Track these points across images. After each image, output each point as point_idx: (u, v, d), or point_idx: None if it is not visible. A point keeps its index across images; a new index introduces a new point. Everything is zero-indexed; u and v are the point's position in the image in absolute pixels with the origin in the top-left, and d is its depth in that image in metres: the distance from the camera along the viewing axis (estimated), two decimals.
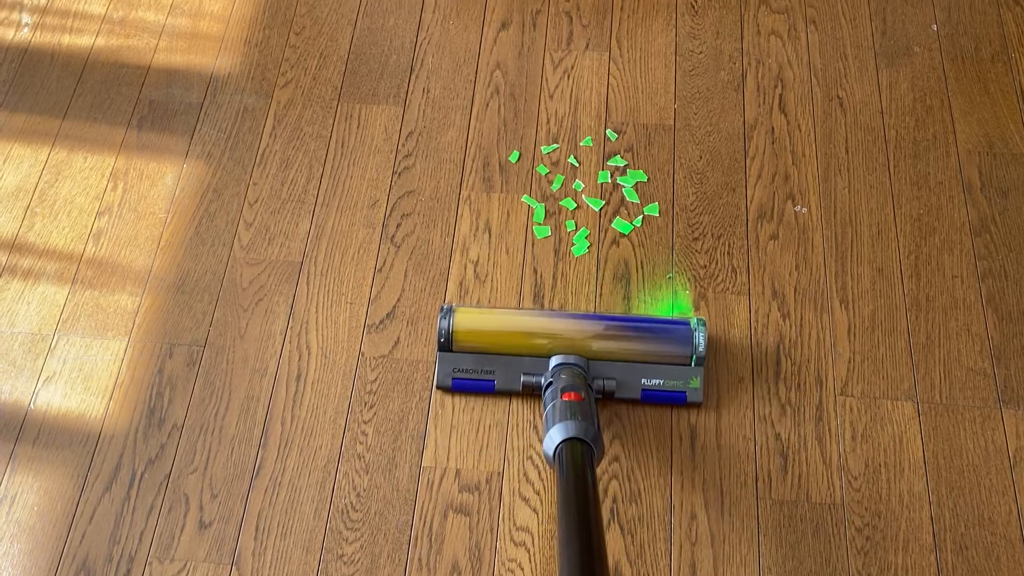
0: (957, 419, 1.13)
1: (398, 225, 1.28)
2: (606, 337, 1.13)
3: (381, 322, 1.21)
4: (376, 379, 1.16)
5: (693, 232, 1.27)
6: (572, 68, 1.42)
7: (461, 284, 1.23)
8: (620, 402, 1.12)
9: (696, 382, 1.12)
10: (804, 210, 1.29)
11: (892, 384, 1.15)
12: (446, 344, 1.14)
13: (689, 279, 1.22)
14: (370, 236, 1.27)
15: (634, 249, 1.26)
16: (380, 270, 1.24)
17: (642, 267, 1.24)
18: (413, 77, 1.41)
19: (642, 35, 1.45)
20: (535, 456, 1.11)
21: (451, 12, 1.48)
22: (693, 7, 1.48)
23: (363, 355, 1.18)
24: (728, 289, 1.22)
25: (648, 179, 1.31)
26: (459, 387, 1.13)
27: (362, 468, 1.10)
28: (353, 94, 1.40)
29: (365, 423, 1.13)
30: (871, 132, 1.35)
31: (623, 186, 1.31)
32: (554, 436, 1.03)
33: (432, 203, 1.30)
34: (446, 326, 1.13)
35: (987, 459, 1.10)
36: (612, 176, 1.32)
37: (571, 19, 1.47)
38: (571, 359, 1.12)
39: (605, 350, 1.13)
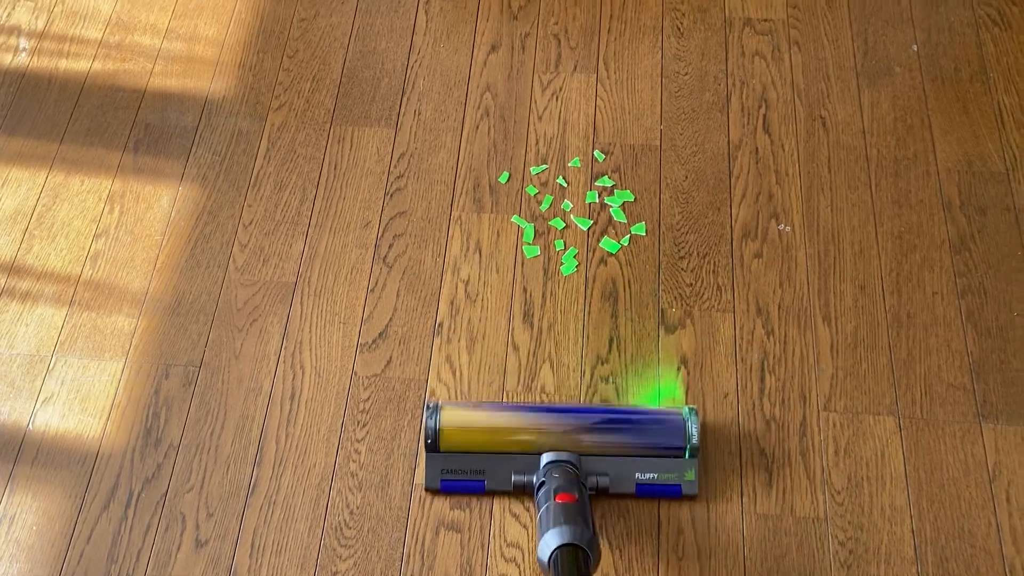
0: (938, 434, 1.16)
1: (390, 246, 1.31)
2: (597, 431, 1.11)
3: (374, 341, 1.23)
4: (369, 398, 1.19)
5: (679, 251, 1.30)
6: (560, 90, 1.45)
7: (452, 303, 1.26)
8: (614, 497, 1.10)
9: (691, 474, 1.09)
10: (788, 228, 1.31)
11: (874, 400, 1.18)
12: (433, 445, 1.10)
13: (676, 297, 1.25)
14: (363, 257, 1.29)
15: (621, 268, 1.29)
16: (372, 290, 1.27)
17: (629, 286, 1.27)
18: (405, 99, 1.44)
19: (629, 57, 1.48)
20: None
21: (442, 35, 1.51)
22: (679, 29, 1.51)
23: (356, 374, 1.20)
24: (713, 307, 1.25)
25: (635, 199, 1.34)
26: (448, 489, 1.10)
27: (355, 486, 1.12)
28: (346, 116, 1.43)
29: (358, 441, 1.16)
30: (853, 151, 1.38)
31: (610, 206, 1.33)
32: (549, 542, 0.99)
33: (423, 224, 1.33)
34: (433, 425, 1.10)
35: (967, 473, 1.13)
36: (600, 196, 1.35)
37: (559, 41, 1.50)
38: (563, 456, 1.09)
39: (597, 445, 1.10)
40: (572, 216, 1.32)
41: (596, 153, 1.38)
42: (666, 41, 1.49)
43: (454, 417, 1.11)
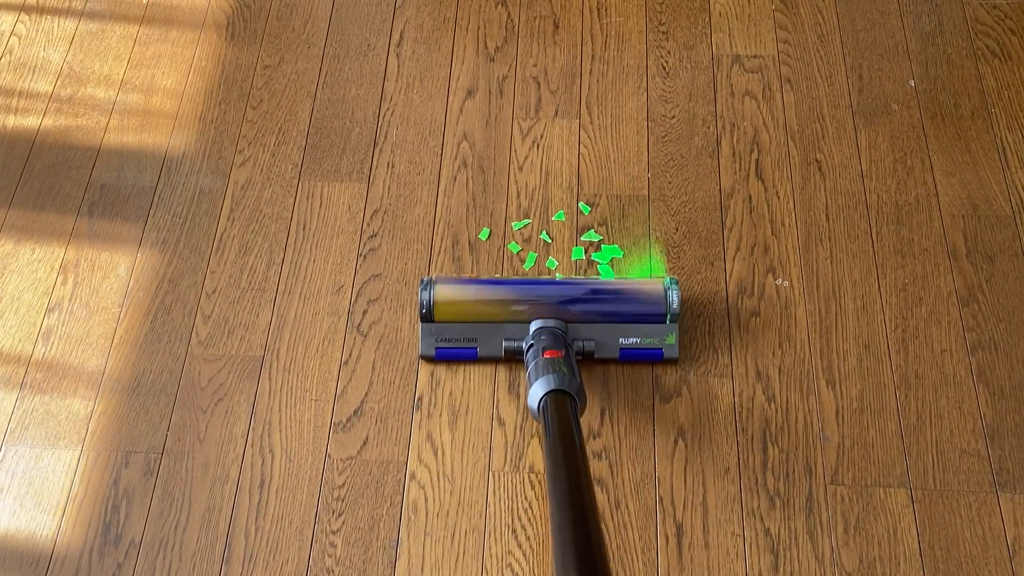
0: (952, 506, 1.09)
1: (364, 312, 1.23)
2: (583, 301, 1.16)
3: (348, 420, 1.15)
4: (344, 483, 1.10)
5: None
6: (541, 137, 1.37)
7: (432, 374, 1.18)
8: (600, 362, 1.15)
9: (672, 339, 1.16)
10: (785, 283, 1.24)
11: (884, 470, 1.11)
12: (428, 315, 1.16)
13: (669, 364, 1.17)
14: (335, 325, 1.21)
15: None
16: (346, 363, 1.18)
17: None
18: (377, 151, 1.36)
19: (612, 100, 1.40)
20: (514, 563, 1.06)
21: (414, 80, 1.43)
22: (664, 68, 1.43)
23: (330, 457, 1.12)
24: (710, 372, 1.17)
25: (624, 254, 1.26)
26: (443, 356, 1.16)
27: None
28: (314, 171, 1.34)
29: (334, 533, 1.07)
30: (852, 197, 1.31)
31: (598, 263, 1.26)
32: (538, 390, 1.06)
33: (400, 287, 1.25)
34: (427, 298, 1.16)
35: (985, 549, 1.06)
36: (587, 252, 1.27)
37: (539, 84, 1.42)
38: (550, 323, 1.15)
39: (583, 313, 1.16)
40: (558, 275, 1.25)
41: (581, 205, 1.30)
42: (651, 82, 1.42)
43: (447, 290, 1.17)
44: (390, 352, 1.20)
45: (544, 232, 1.28)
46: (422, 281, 1.17)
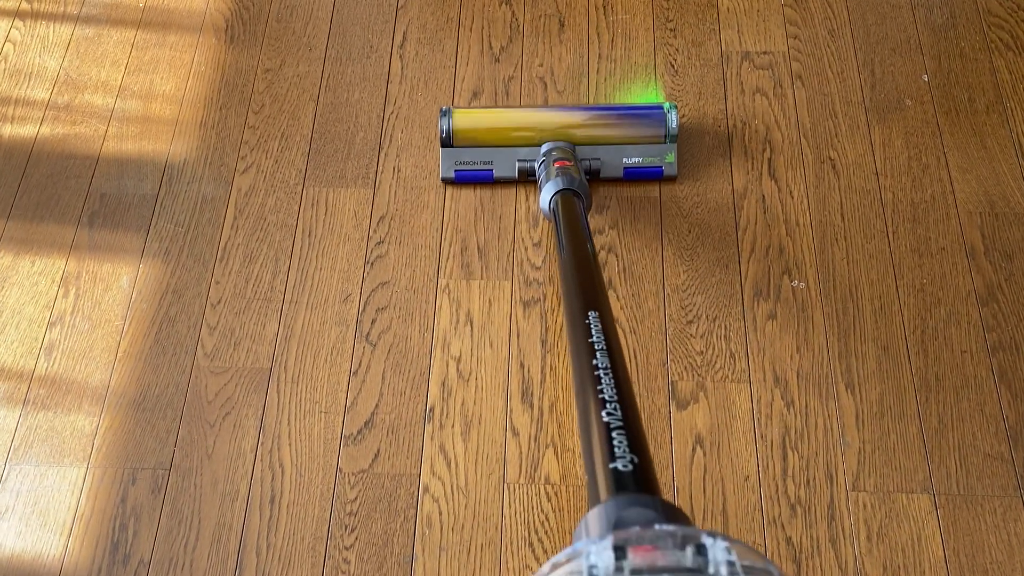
0: (977, 511, 1.07)
1: (373, 321, 1.20)
2: (590, 125, 1.27)
3: (359, 432, 1.12)
4: (356, 498, 1.08)
5: (687, 315, 1.20)
6: None
7: (443, 384, 1.16)
8: (605, 182, 1.26)
9: (671, 157, 1.27)
10: (802, 285, 1.22)
11: (906, 476, 1.09)
12: (447, 140, 1.26)
13: (686, 367, 1.15)
14: (343, 335, 1.19)
15: (626, 336, 1.19)
16: (356, 373, 1.16)
17: (636, 356, 1.17)
18: (382, 155, 1.33)
19: (621, 99, 1.38)
20: None
21: (419, 82, 1.40)
22: (672, 66, 1.41)
23: (341, 471, 1.10)
24: (728, 377, 1.15)
25: (635, 259, 1.24)
26: (461, 178, 1.26)
27: None
28: (319, 177, 1.32)
29: (347, 549, 1.05)
30: (867, 195, 1.29)
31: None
32: (548, 190, 1.17)
33: (408, 294, 1.22)
34: (446, 125, 1.27)
35: (1011, 555, 1.04)
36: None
37: (545, 85, 1.40)
38: (560, 143, 1.26)
39: (590, 136, 1.27)
40: None
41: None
42: (660, 80, 1.40)
43: (465, 118, 1.27)
44: (400, 362, 1.17)
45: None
46: (441, 110, 1.28)
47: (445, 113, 1.27)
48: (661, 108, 1.28)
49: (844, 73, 1.40)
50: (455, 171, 1.26)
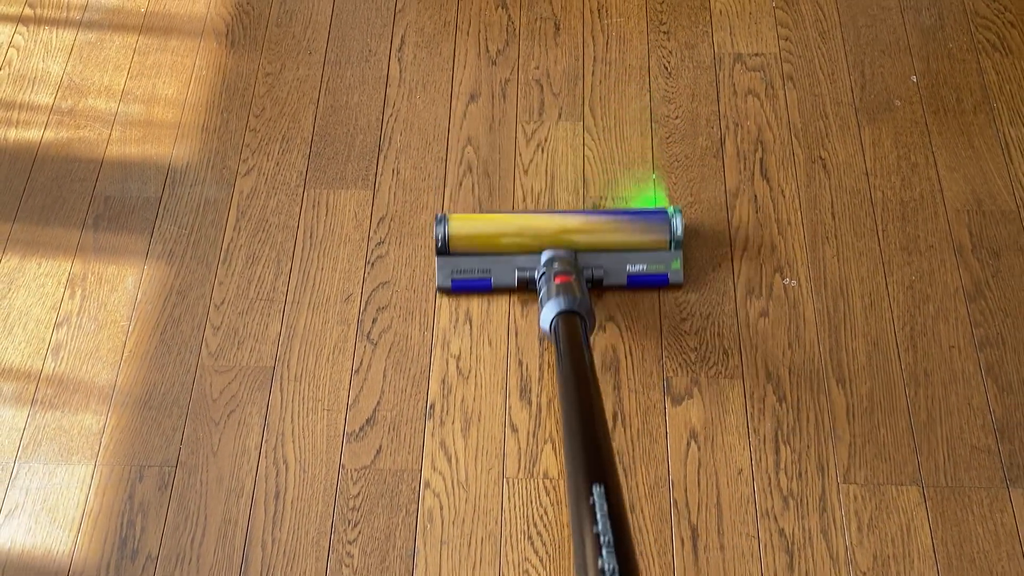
0: (964, 502, 1.10)
1: (374, 320, 1.23)
2: (591, 231, 1.22)
3: (361, 429, 1.15)
4: (359, 493, 1.11)
5: (681, 312, 1.23)
6: (546, 140, 1.37)
7: (444, 382, 1.18)
8: (609, 289, 1.21)
9: (677, 264, 1.22)
10: (793, 283, 1.25)
11: (896, 468, 1.12)
12: (443, 248, 1.22)
13: (680, 364, 1.18)
14: (345, 334, 1.21)
15: (621, 334, 1.21)
16: (357, 371, 1.19)
17: (631, 354, 1.20)
18: (381, 157, 1.36)
19: (615, 101, 1.40)
20: (531, 570, 1.06)
21: (417, 85, 1.43)
22: (666, 69, 1.43)
23: (344, 467, 1.12)
24: (721, 373, 1.18)
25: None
26: (459, 287, 1.21)
27: None
28: (319, 179, 1.34)
29: (350, 543, 1.08)
30: (857, 195, 1.32)
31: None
32: (549, 311, 1.12)
33: (408, 294, 1.25)
34: (442, 232, 1.22)
35: (998, 544, 1.07)
36: None
37: (541, 87, 1.42)
38: (561, 252, 1.21)
39: (592, 242, 1.22)
40: None
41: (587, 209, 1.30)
42: (654, 82, 1.42)
43: (461, 224, 1.23)
44: (401, 360, 1.20)
45: None
46: (436, 217, 1.23)
47: (440, 220, 1.22)
48: (664, 212, 1.22)
49: (835, 74, 1.42)
50: (452, 280, 1.21)
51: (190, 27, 1.49)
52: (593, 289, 1.21)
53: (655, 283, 1.21)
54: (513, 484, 1.11)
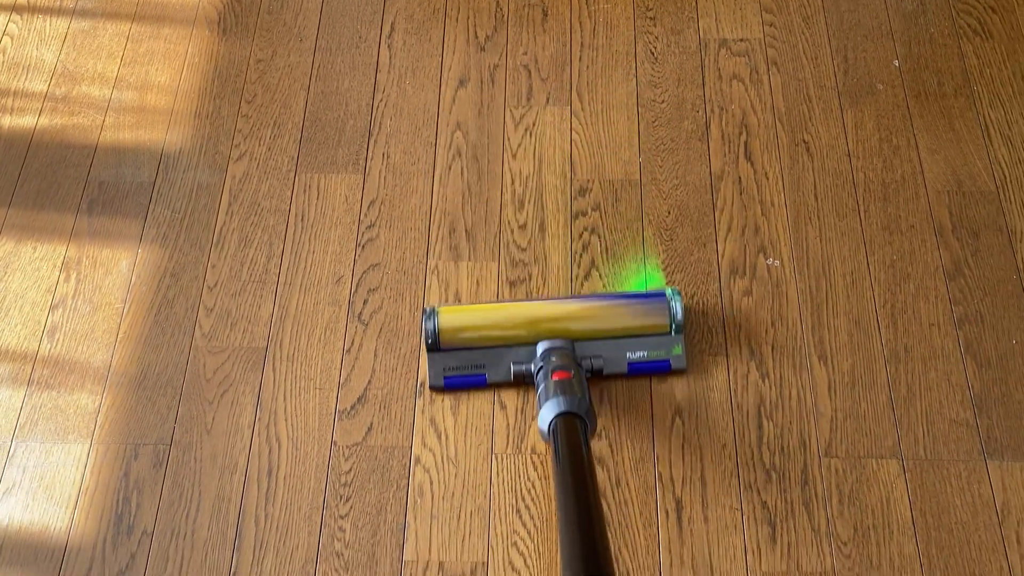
0: (943, 474, 1.12)
1: (365, 301, 1.25)
2: (588, 318, 1.17)
3: (352, 407, 1.17)
4: (351, 469, 1.13)
5: None
6: (534, 125, 1.39)
7: None
8: (609, 378, 1.15)
9: (678, 349, 1.16)
10: (776, 263, 1.27)
11: (876, 442, 1.14)
12: (434, 344, 1.16)
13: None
14: (336, 315, 1.23)
15: None
16: (348, 351, 1.21)
17: None
18: (372, 142, 1.38)
19: (603, 86, 1.42)
20: (519, 543, 1.08)
21: (406, 71, 1.44)
22: (652, 54, 1.45)
23: (336, 444, 1.14)
24: (705, 351, 1.20)
25: (617, 239, 1.29)
26: (452, 385, 1.15)
27: (342, 567, 1.07)
28: (311, 163, 1.36)
29: (342, 518, 1.10)
30: (839, 176, 1.34)
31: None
32: (547, 413, 1.06)
33: (399, 275, 1.27)
34: (432, 327, 1.16)
35: (975, 515, 1.09)
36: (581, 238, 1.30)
37: (530, 73, 1.44)
38: (557, 343, 1.15)
39: (588, 330, 1.17)
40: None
41: (574, 192, 1.32)
42: (640, 67, 1.44)
43: (451, 317, 1.17)
44: (391, 340, 1.22)
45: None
46: (424, 311, 1.17)
47: (429, 314, 1.16)
48: (663, 295, 1.18)
49: (818, 59, 1.45)
50: (444, 378, 1.15)
51: (182, 15, 1.51)
52: (592, 379, 1.15)
53: (657, 370, 1.16)
54: (502, 460, 1.13)
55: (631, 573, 1.06)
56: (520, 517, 1.10)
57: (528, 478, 1.12)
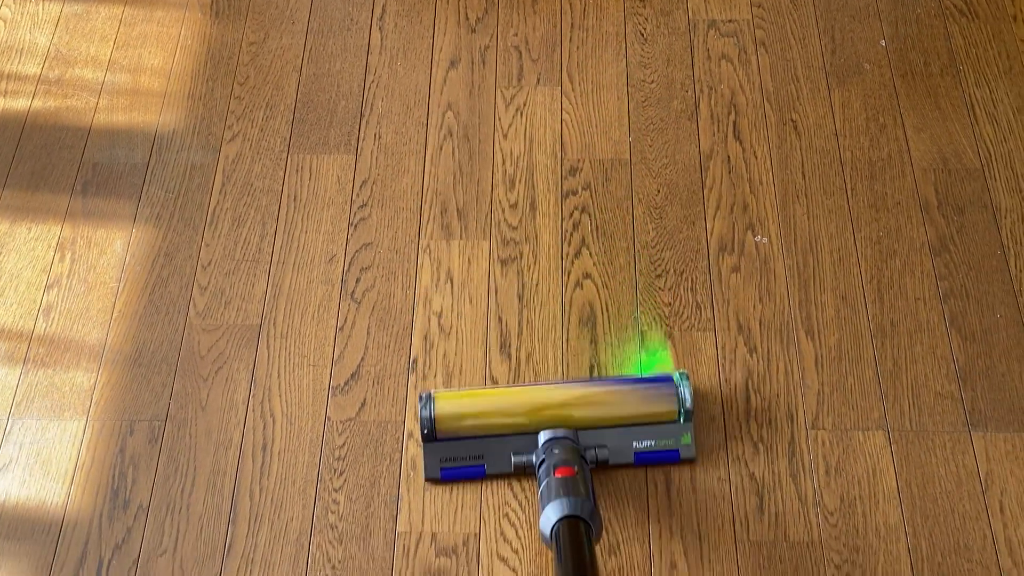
0: (928, 446, 1.14)
1: (357, 280, 1.26)
2: (591, 404, 1.11)
3: (346, 383, 1.18)
4: (344, 444, 1.14)
5: (655, 269, 1.26)
6: (524, 105, 1.40)
7: (426, 338, 1.21)
8: (615, 468, 1.10)
9: (687, 438, 1.10)
10: (764, 240, 1.28)
11: (862, 414, 1.16)
12: (430, 434, 1.10)
13: (655, 318, 1.22)
14: (329, 293, 1.25)
15: (598, 291, 1.25)
16: (342, 329, 1.22)
17: (607, 309, 1.23)
18: (363, 123, 1.39)
19: (593, 66, 1.44)
20: (511, 514, 1.10)
21: (398, 53, 1.45)
22: (642, 35, 1.46)
23: (329, 419, 1.16)
24: (694, 326, 1.22)
25: (608, 218, 1.30)
26: (449, 477, 1.10)
27: (335, 539, 1.08)
28: (303, 144, 1.37)
29: (336, 491, 1.11)
30: (827, 155, 1.35)
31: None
32: (550, 515, 1.00)
33: (391, 255, 1.28)
34: (428, 415, 1.10)
35: (959, 485, 1.11)
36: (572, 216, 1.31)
37: (520, 53, 1.45)
38: (560, 432, 1.09)
39: (592, 417, 1.11)
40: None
41: (565, 171, 1.33)
42: (630, 48, 1.45)
43: (448, 404, 1.11)
44: (384, 318, 1.23)
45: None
46: (420, 397, 1.11)
47: (426, 401, 1.11)
48: (670, 379, 1.12)
49: (806, 39, 1.46)
50: (441, 470, 1.09)
51: None
52: (598, 470, 1.10)
53: (665, 460, 1.10)
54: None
55: (621, 544, 1.08)
56: (511, 489, 1.11)
57: None
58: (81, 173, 1.35)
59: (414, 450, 1.14)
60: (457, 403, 1.12)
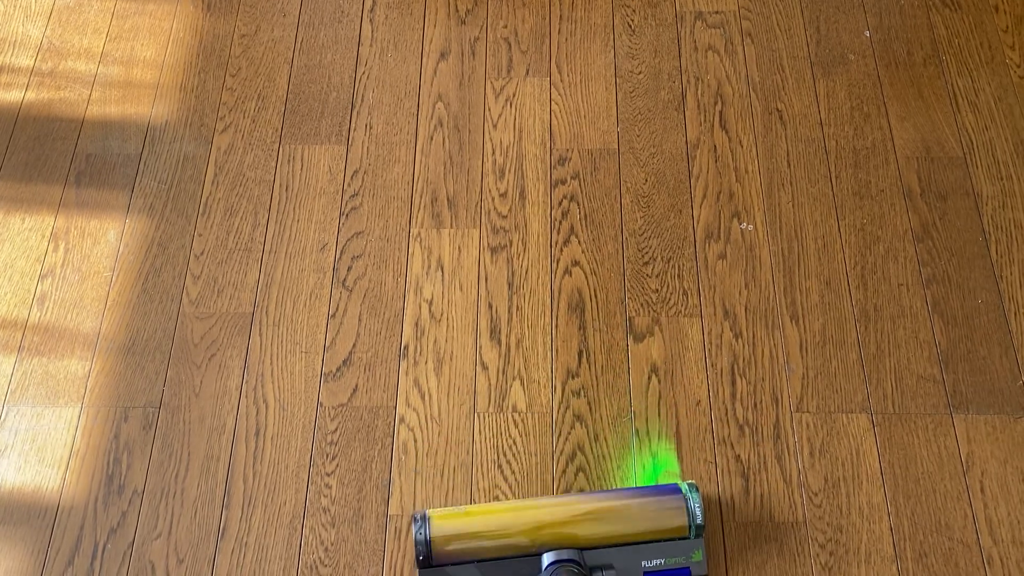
0: (910, 428, 1.16)
1: (349, 268, 1.27)
2: (596, 521, 1.05)
3: (338, 370, 1.20)
4: (336, 429, 1.16)
5: (643, 257, 1.28)
6: (514, 96, 1.42)
7: (417, 325, 1.23)
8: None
9: (699, 555, 1.05)
10: (750, 227, 1.30)
11: (846, 397, 1.18)
12: (426, 560, 1.03)
13: (642, 304, 1.23)
14: (321, 281, 1.26)
15: (587, 277, 1.27)
16: (333, 316, 1.23)
17: (596, 296, 1.25)
18: (355, 114, 1.40)
19: (581, 58, 1.45)
20: (501, 496, 1.11)
21: (388, 44, 1.47)
22: (630, 26, 1.48)
23: (322, 405, 1.17)
24: (680, 312, 1.23)
25: (596, 206, 1.32)
26: None
27: (328, 522, 1.10)
28: (294, 135, 1.38)
29: (328, 475, 1.13)
30: (812, 144, 1.37)
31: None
32: None
33: (382, 243, 1.30)
34: (423, 538, 1.03)
35: (941, 466, 1.13)
36: (561, 205, 1.32)
37: (509, 45, 1.47)
38: (564, 555, 1.03)
39: (597, 536, 1.05)
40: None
41: (554, 161, 1.35)
42: (618, 40, 1.47)
43: (444, 525, 1.05)
44: (375, 305, 1.25)
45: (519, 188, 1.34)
46: (415, 518, 1.04)
47: (421, 522, 1.03)
48: (677, 490, 1.06)
49: (791, 30, 1.48)
50: None
51: None
52: None
53: None
54: (483, 418, 1.17)
55: None
56: (501, 472, 1.13)
57: (510, 435, 1.15)
58: (74, 164, 1.36)
59: (405, 434, 1.15)
60: (454, 523, 1.05)
